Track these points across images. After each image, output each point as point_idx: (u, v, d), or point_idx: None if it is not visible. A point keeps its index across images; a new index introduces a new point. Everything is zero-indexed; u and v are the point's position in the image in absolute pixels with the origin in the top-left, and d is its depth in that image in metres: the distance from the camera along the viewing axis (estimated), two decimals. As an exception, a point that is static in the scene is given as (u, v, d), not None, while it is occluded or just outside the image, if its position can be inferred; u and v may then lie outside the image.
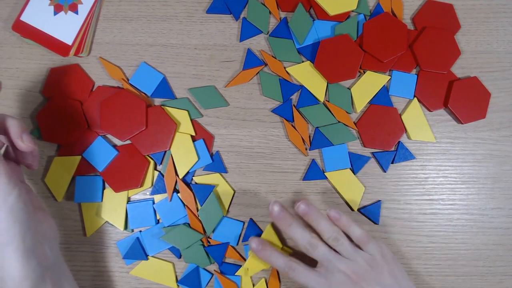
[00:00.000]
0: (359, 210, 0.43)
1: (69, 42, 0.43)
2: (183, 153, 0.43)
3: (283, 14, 0.45)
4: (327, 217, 0.39)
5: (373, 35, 0.43)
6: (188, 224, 0.42)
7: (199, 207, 0.42)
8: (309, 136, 0.44)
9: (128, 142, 0.43)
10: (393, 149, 0.44)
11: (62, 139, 0.43)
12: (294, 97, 0.44)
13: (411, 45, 0.44)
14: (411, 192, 0.44)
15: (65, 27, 0.43)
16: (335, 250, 0.38)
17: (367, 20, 0.45)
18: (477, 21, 0.46)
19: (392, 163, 0.44)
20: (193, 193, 0.42)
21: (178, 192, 0.43)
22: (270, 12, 0.45)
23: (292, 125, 0.44)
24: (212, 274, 0.42)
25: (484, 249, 0.43)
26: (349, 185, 0.43)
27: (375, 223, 0.43)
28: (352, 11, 0.45)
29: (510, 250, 0.43)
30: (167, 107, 0.43)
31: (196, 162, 0.43)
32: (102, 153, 0.42)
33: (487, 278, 0.43)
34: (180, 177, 0.42)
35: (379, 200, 0.43)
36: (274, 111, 0.44)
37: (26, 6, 0.43)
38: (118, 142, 0.43)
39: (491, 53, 0.45)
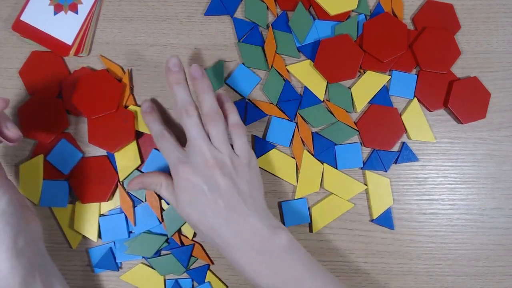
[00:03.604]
0: (371, 220, 0.43)
1: (69, 42, 0.43)
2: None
3: (280, 11, 0.45)
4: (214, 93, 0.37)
5: (373, 35, 0.43)
6: (149, 231, 0.42)
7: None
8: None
9: (101, 154, 0.43)
10: (397, 149, 0.44)
11: (41, 136, 0.42)
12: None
13: (411, 45, 0.44)
14: (411, 192, 0.44)
15: (65, 27, 0.43)
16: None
17: (367, 20, 0.45)
18: (477, 21, 0.46)
19: (395, 163, 0.44)
20: (158, 196, 0.42)
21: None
22: (267, 8, 0.45)
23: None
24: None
25: (484, 249, 0.43)
26: (381, 194, 0.43)
27: (390, 229, 0.43)
28: (353, 11, 0.45)
29: (510, 250, 0.43)
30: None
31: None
32: (66, 156, 0.42)
33: (487, 278, 0.43)
34: None
35: (389, 207, 0.43)
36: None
37: (26, 6, 0.43)
38: (92, 152, 0.42)
39: (491, 53, 0.45)
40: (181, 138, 0.39)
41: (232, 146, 0.37)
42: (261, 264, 0.34)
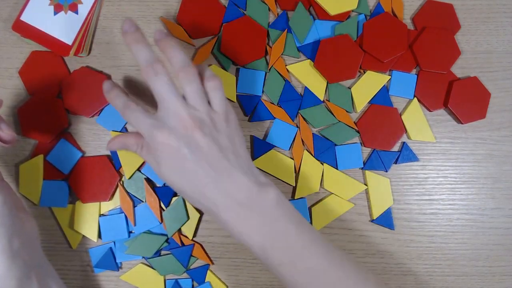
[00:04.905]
0: (371, 221, 0.43)
1: (69, 42, 0.42)
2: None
3: (280, 11, 0.45)
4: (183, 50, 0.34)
5: (373, 35, 0.43)
6: (149, 231, 0.42)
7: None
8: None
9: (101, 154, 0.43)
10: (397, 149, 0.44)
11: (41, 136, 0.42)
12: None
13: (411, 45, 0.44)
14: (411, 192, 0.44)
15: (65, 27, 0.43)
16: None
17: (367, 20, 0.45)
18: (477, 21, 0.46)
19: (395, 163, 0.44)
20: (158, 197, 0.42)
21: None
22: (269, 9, 0.45)
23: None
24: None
25: (484, 249, 0.43)
26: (381, 194, 0.43)
27: (390, 229, 0.43)
28: (353, 11, 0.45)
29: (510, 250, 0.43)
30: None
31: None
32: (66, 155, 0.42)
33: (487, 278, 0.43)
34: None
35: (389, 207, 0.43)
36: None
37: (26, 6, 0.43)
38: (92, 152, 0.43)
39: (491, 53, 0.45)
40: (149, 111, 0.36)
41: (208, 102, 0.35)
42: (249, 221, 0.33)
